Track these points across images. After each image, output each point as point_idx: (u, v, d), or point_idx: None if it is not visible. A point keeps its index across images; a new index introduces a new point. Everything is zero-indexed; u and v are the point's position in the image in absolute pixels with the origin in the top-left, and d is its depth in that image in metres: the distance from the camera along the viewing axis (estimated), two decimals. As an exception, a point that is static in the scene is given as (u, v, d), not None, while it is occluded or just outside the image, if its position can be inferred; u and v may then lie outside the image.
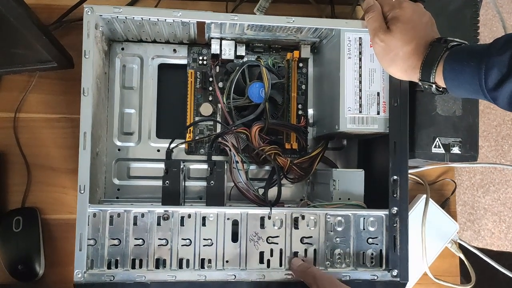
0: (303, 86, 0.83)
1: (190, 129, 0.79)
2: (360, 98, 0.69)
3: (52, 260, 0.80)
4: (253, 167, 0.82)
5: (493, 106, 0.70)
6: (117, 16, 0.67)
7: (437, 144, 0.74)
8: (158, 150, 0.80)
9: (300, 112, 0.82)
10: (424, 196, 0.84)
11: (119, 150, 0.80)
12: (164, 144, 0.79)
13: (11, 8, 0.56)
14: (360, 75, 0.69)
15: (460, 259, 0.88)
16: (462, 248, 0.88)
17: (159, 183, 0.79)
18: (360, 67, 0.69)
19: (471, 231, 1.72)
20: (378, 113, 0.69)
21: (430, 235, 0.83)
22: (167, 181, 0.70)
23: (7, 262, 0.76)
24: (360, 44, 0.70)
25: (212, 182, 0.71)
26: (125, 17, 0.67)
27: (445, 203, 0.88)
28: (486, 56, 0.56)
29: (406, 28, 0.62)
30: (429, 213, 0.82)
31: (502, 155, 1.74)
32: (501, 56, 0.54)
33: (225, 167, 0.73)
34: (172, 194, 0.70)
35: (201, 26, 0.72)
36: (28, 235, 0.77)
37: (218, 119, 0.80)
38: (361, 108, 0.69)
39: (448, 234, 0.85)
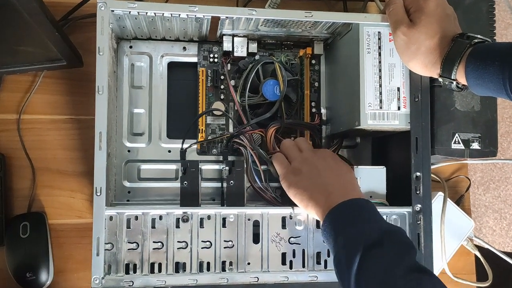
0: (316, 84, 0.81)
1: (202, 129, 0.77)
2: (380, 93, 0.68)
3: (60, 267, 0.77)
4: (263, 167, 0.80)
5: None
6: (130, 12, 0.65)
7: (457, 140, 0.73)
8: (169, 151, 0.78)
9: (313, 110, 0.80)
10: (440, 193, 0.82)
11: (128, 151, 0.77)
12: (175, 145, 0.77)
13: (25, 2, 0.53)
14: (380, 70, 0.68)
15: (475, 257, 0.87)
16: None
17: (170, 184, 0.77)
18: (380, 62, 0.68)
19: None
20: (399, 109, 0.68)
21: (446, 232, 0.82)
22: (185, 182, 0.67)
23: (14, 269, 0.73)
24: (379, 39, 0.68)
25: (231, 182, 0.68)
26: (138, 12, 0.65)
27: (460, 200, 0.87)
28: (510, 55, 0.55)
29: (430, 21, 0.61)
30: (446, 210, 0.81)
31: (501, 152, 1.74)
32: None
33: (244, 166, 0.71)
34: (191, 195, 0.67)
35: (214, 22, 0.70)
36: (36, 241, 0.74)
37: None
38: (381, 104, 0.68)
39: (464, 231, 0.85)
